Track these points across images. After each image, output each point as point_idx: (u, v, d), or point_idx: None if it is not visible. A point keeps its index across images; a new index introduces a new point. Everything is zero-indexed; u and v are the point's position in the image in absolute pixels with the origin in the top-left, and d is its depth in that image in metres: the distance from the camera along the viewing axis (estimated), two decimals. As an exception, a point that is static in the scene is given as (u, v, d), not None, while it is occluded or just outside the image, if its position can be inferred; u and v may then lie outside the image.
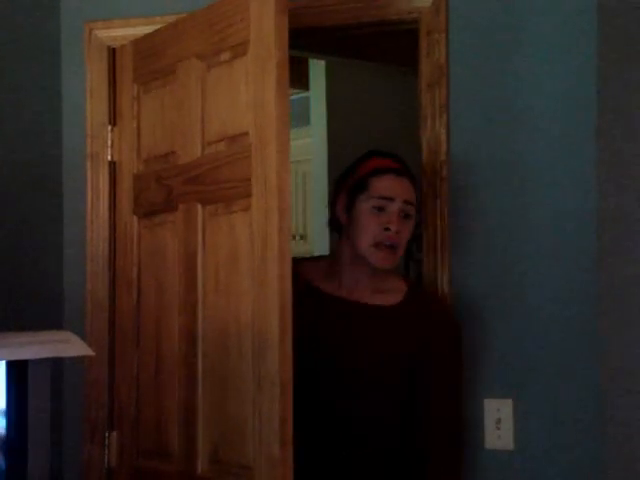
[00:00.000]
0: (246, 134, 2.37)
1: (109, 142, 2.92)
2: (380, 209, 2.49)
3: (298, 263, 2.66)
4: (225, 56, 2.46)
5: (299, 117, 5.81)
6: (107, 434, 2.87)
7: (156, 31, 2.75)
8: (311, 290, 2.57)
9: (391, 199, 2.48)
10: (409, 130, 2.99)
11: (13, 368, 1.81)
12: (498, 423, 2.63)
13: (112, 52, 2.94)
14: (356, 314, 2.54)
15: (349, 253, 2.55)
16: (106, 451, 2.87)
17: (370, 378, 2.50)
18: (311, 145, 5.27)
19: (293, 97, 5.86)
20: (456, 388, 2.56)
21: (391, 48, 3.99)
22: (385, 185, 2.50)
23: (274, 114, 2.27)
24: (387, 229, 2.47)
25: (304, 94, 5.57)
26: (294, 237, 6.49)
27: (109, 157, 2.92)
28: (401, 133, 3.88)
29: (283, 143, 2.27)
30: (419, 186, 2.59)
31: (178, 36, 2.64)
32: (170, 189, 2.63)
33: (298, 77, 5.19)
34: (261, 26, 2.31)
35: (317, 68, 5.12)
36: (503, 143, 2.69)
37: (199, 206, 2.52)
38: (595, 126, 2.60)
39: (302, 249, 6.42)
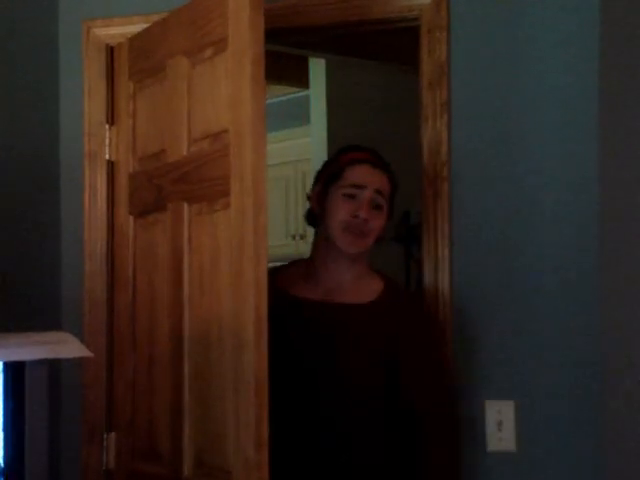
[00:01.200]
0: (226, 131, 2.33)
1: (107, 141, 2.90)
2: (351, 197, 2.49)
3: (273, 272, 2.61)
4: (208, 52, 2.42)
5: (299, 116, 5.79)
6: (105, 435, 2.86)
7: (149, 28, 2.72)
8: (287, 298, 2.53)
9: (362, 187, 2.49)
10: (410, 129, 2.97)
11: (10, 369, 1.79)
12: (500, 425, 2.62)
13: (110, 50, 2.92)
14: (333, 316, 2.50)
15: (325, 247, 2.54)
16: (104, 452, 2.85)
17: (350, 378, 2.47)
18: (311, 144, 5.25)
19: (293, 95, 5.85)
20: (435, 375, 2.53)
21: (392, 46, 3.98)
22: (358, 174, 2.51)
23: (250, 111, 2.23)
24: (356, 216, 2.47)
25: (304, 92, 5.55)
26: (294, 237, 6.47)
27: (107, 156, 2.90)
28: (402, 132, 3.87)
29: (259, 141, 2.23)
30: (394, 181, 2.56)
31: (167, 33, 2.61)
32: (160, 188, 2.60)
33: (298, 75, 5.18)
34: (238, 21, 2.27)
35: (317, 66, 5.10)
36: (504, 142, 2.68)
37: (185, 205, 2.49)
38: (597, 124, 2.58)
39: (302, 249, 6.40)
